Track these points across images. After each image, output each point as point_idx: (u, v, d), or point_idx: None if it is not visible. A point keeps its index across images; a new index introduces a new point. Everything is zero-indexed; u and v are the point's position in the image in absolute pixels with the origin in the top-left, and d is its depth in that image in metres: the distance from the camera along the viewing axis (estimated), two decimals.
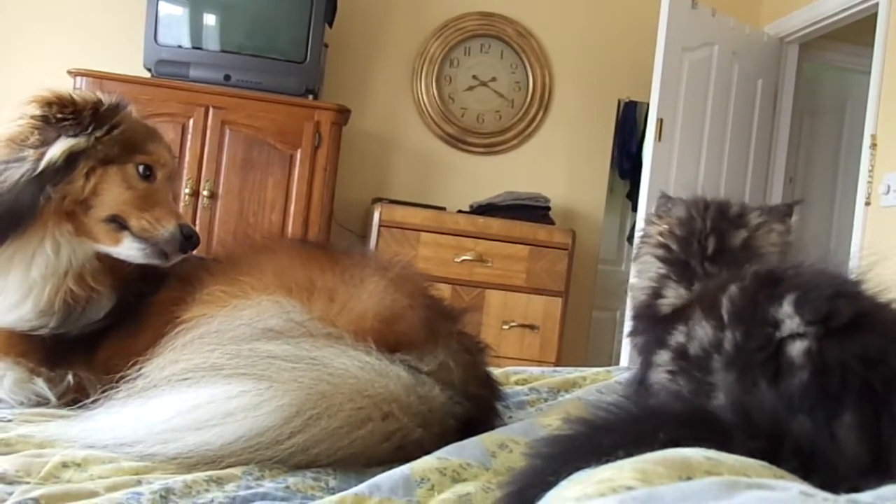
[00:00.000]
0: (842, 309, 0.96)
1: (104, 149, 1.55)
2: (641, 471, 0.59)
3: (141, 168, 1.60)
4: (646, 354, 1.28)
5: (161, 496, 1.03)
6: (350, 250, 1.72)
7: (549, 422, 1.36)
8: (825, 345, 0.93)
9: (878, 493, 0.64)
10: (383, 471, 1.17)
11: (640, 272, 1.38)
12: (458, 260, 4.30)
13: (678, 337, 1.15)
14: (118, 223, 1.56)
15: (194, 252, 1.65)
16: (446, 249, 4.31)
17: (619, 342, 4.77)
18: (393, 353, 1.38)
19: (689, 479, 0.60)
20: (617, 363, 4.43)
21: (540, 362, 4.31)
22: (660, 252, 1.34)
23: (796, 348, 0.94)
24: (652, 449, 0.76)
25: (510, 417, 1.63)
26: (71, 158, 1.51)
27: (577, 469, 0.76)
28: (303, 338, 1.35)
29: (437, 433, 1.31)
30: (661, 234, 1.36)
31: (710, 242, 1.29)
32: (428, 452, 1.24)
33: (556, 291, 4.38)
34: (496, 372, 1.97)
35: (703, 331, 1.08)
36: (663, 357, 1.18)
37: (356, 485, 1.13)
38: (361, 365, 1.29)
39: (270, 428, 1.18)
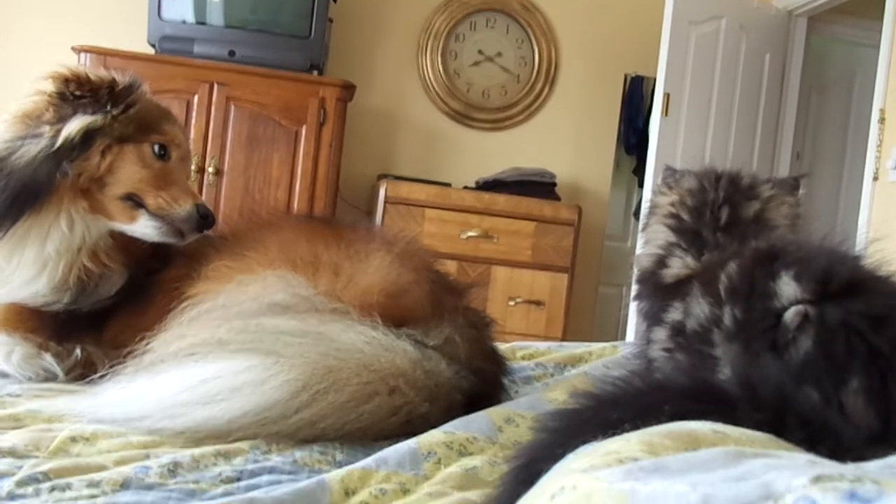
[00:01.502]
0: (840, 273, 0.96)
1: (120, 127, 1.55)
2: (648, 443, 0.59)
3: (156, 147, 1.60)
4: (648, 322, 1.27)
5: (169, 469, 1.04)
6: (355, 225, 1.72)
7: (556, 396, 1.37)
8: (826, 308, 0.92)
9: (887, 462, 0.64)
10: (390, 445, 1.18)
11: (648, 242, 1.38)
12: (464, 236, 4.29)
13: (674, 314, 1.14)
14: (134, 201, 1.57)
15: (210, 230, 1.65)
16: (452, 225, 4.30)
17: (626, 318, 4.77)
18: (399, 328, 1.38)
19: (695, 451, 0.60)
20: (623, 339, 4.43)
21: (546, 338, 4.31)
22: (670, 222, 1.33)
23: (797, 316, 0.93)
24: (658, 422, 0.76)
25: (516, 392, 1.63)
26: (87, 136, 1.51)
27: (584, 443, 0.76)
28: (309, 313, 1.35)
29: (443, 407, 1.31)
30: (671, 204, 1.35)
31: (724, 213, 1.28)
32: (434, 427, 1.25)
33: (562, 267, 4.38)
34: (502, 347, 1.97)
35: (700, 308, 1.07)
36: (660, 334, 1.18)
37: (363, 459, 1.14)
38: (367, 339, 1.30)
39: (277, 402, 1.18)
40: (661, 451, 0.58)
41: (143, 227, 1.57)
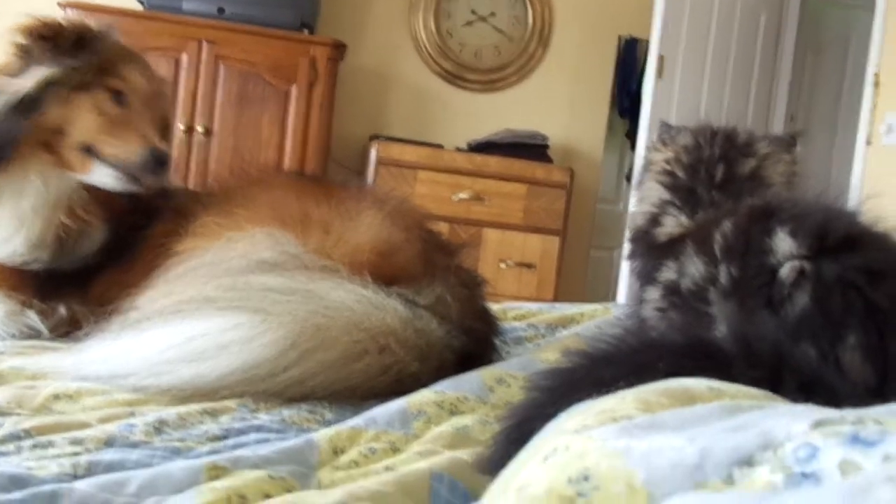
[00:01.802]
0: (837, 228, 0.94)
1: (78, 76, 1.51)
2: (643, 401, 0.57)
3: (113, 93, 1.56)
4: (641, 282, 1.26)
5: (154, 427, 1.02)
6: (346, 184, 1.69)
7: (547, 357, 1.35)
8: (823, 263, 0.90)
9: (889, 407, 0.62)
10: (380, 404, 1.17)
11: (642, 199, 1.35)
12: (456, 198, 4.27)
13: (667, 273, 1.12)
14: (90, 150, 1.53)
15: (165, 174, 1.60)
16: (443, 187, 4.27)
17: (617, 281, 4.76)
18: (389, 287, 1.37)
19: (692, 407, 0.58)
20: (615, 302, 4.43)
21: (537, 301, 4.31)
22: (665, 179, 1.31)
23: (793, 271, 0.91)
24: (653, 380, 0.74)
25: (507, 353, 1.62)
26: (47, 88, 1.47)
27: (577, 401, 0.74)
28: (298, 270, 1.33)
29: (434, 367, 1.30)
30: (666, 161, 1.33)
31: (719, 170, 1.25)
32: (425, 386, 1.23)
33: (554, 230, 4.36)
34: (493, 308, 1.96)
35: (695, 267, 1.05)
36: (653, 294, 1.16)
37: (352, 418, 1.12)
38: (357, 298, 1.28)
39: (265, 361, 1.16)
40: (656, 409, 0.56)
41: (100, 176, 1.53)
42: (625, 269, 4.02)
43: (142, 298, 1.32)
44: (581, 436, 0.50)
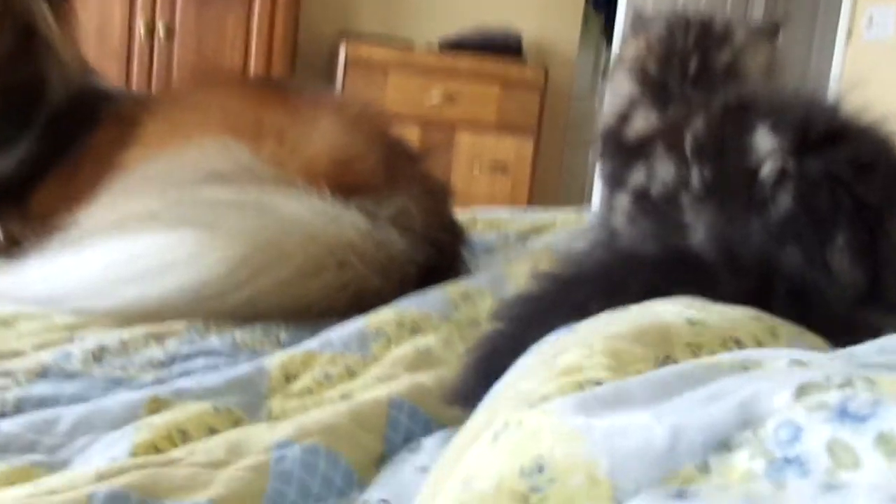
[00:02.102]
0: (820, 120, 0.86)
1: None
2: (613, 353, 0.50)
3: None
4: (611, 186, 1.18)
5: (94, 355, 0.95)
6: (303, 88, 1.59)
7: (517, 271, 1.29)
8: (806, 158, 0.83)
9: (880, 346, 0.56)
10: (338, 322, 1.10)
11: (612, 95, 1.27)
12: (427, 100, 4.15)
13: (637, 177, 1.04)
14: None
15: None
16: (415, 89, 4.14)
17: (592, 181, 4.69)
18: (349, 198, 1.29)
19: (667, 358, 0.51)
20: (590, 203, 4.37)
21: (512, 204, 4.24)
22: (635, 73, 1.23)
23: (774, 169, 0.84)
24: (627, 300, 0.68)
25: (476, 265, 1.55)
26: None
27: (548, 330, 0.68)
28: (250, 182, 1.24)
29: (396, 281, 1.23)
30: (637, 53, 1.24)
31: (693, 62, 1.17)
32: (386, 302, 1.17)
33: (528, 131, 4.26)
34: (463, 216, 1.89)
35: (664, 169, 0.97)
36: (622, 201, 1.07)
37: (309, 338, 1.06)
38: (313, 211, 1.20)
39: (214, 280, 1.09)
40: (629, 365, 0.49)
41: None
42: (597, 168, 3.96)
43: (83, 214, 1.23)
44: (536, 410, 0.43)
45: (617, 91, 1.23)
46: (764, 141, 0.86)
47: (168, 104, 1.47)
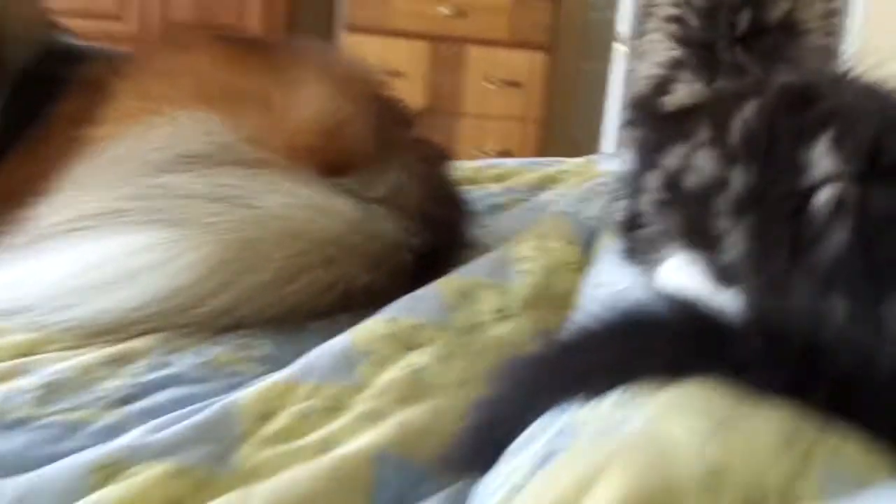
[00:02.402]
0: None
1: None
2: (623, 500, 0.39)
3: None
4: (640, 161, 1.04)
5: (47, 389, 0.86)
6: (285, 44, 1.46)
7: (521, 252, 1.17)
8: (873, 190, 0.69)
9: None
10: (324, 325, 1.01)
11: (645, 55, 1.11)
12: (436, 14, 3.95)
13: (672, 160, 0.89)
14: None
15: None
16: (423, 3, 3.95)
17: (609, 98, 4.51)
18: (338, 177, 1.17)
19: None
20: (605, 122, 4.20)
21: (523, 121, 4.10)
22: (673, 28, 1.05)
23: (831, 198, 0.71)
24: (640, 377, 0.57)
25: (483, 227, 1.44)
26: None
27: (551, 406, 0.57)
28: (226, 166, 1.13)
29: (388, 272, 1.11)
30: (675, 2, 1.07)
31: (743, 17, 0.97)
32: (378, 297, 1.07)
33: (541, 45, 4.07)
34: (469, 167, 1.77)
35: (704, 159, 0.83)
36: (652, 182, 0.94)
37: (291, 351, 0.97)
38: (296, 201, 1.08)
39: (185, 288, 0.99)
40: None
41: None
42: (615, 86, 3.78)
43: (44, 206, 1.11)
44: None
45: (650, 51, 1.07)
46: (823, 158, 0.72)
47: (141, 68, 1.33)
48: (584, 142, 4.09)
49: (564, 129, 4.32)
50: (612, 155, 1.78)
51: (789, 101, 0.80)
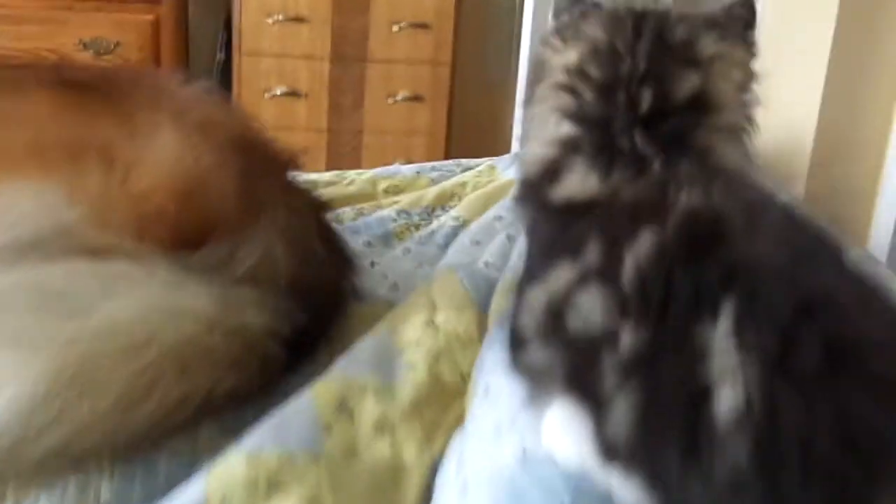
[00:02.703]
0: (812, 333, 0.60)
1: None
2: None
3: None
4: (534, 257, 0.91)
5: None
6: (136, 79, 1.28)
7: (408, 337, 1.05)
8: (779, 403, 0.59)
9: None
10: (183, 444, 0.89)
11: (533, 126, 0.97)
12: None
13: (557, 281, 0.75)
14: None
15: None
16: None
17: (519, 32, 4.35)
18: (195, 248, 1.04)
19: None
20: (518, 60, 4.05)
21: (433, 64, 3.92)
22: (564, 101, 0.91)
23: (730, 402, 0.60)
24: None
25: (374, 264, 1.32)
26: None
27: None
28: (60, 259, 0.98)
29: (255, 370, 0.99)
30: (567, 69, 0.92)
31: (645, 95, 0.86)
32: (243, 400, 0.96)
33: None
34: (363, 178, 1.64)
35: (592, 302, 0.71)
36: (535, 297, 0.78)
37: (137, 490, 0.84)
38: (142, 302, 0.94)
39: (7, 426, 0.84)
40: None
41: None
42: (527, 18, 3.59)
43: None
44: None
45: (540, 124, 0.94)
46: (724, 344, 0.60)
47: None
48: (497, 85, 3.98)
49: (477, 71, 4.17)
50: (512, 159, 1.67)
51: (691, 242, 0.68)
